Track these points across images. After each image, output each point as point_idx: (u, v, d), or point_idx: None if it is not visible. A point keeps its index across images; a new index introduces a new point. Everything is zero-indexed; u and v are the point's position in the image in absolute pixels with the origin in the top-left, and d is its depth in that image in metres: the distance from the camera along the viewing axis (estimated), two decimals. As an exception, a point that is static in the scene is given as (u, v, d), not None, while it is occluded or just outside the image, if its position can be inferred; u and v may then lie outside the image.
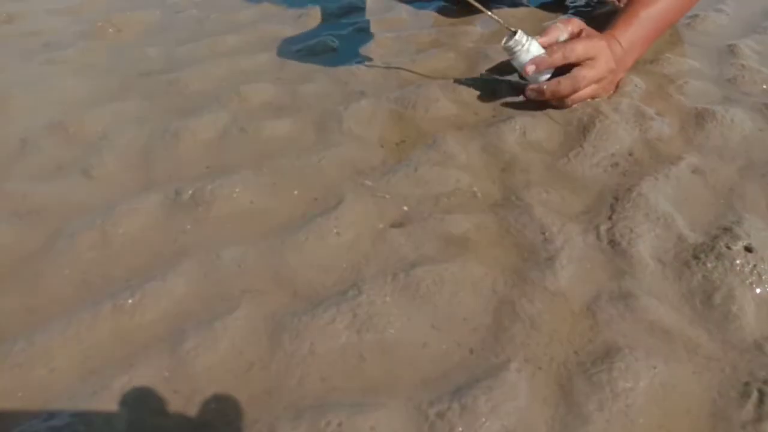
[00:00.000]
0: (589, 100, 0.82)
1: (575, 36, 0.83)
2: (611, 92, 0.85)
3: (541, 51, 0.79)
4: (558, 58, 0.78)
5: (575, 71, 0.79)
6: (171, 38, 1.16)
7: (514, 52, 0.79)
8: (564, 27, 0.83)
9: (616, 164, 0.73)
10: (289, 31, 1.16)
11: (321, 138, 0.81)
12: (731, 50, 1.00)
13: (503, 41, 0.80)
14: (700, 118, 0.80)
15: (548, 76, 0.81)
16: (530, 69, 0.79)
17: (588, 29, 0.83)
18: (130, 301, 0.56)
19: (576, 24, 0.84)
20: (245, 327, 0.54)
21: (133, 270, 0.61)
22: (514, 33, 0.79)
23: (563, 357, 0.50)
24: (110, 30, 1.20)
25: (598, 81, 0.80)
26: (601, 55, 0.79)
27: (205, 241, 0.64)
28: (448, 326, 0.53)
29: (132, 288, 0.57)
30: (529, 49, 0.79)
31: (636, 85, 0.88)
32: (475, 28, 1.12)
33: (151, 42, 1.15)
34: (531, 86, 0.81)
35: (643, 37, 0.86)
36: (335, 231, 0.64)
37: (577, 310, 0.54)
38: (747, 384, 0.47)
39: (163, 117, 0.88)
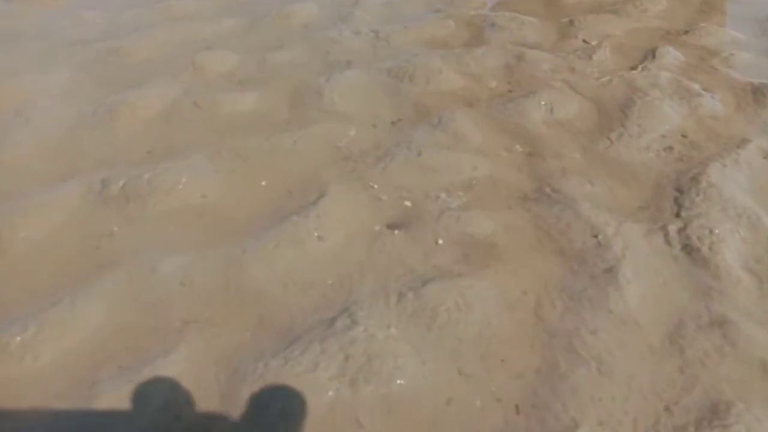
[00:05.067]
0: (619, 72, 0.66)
1: None
2: None
3: None
4: None
5: None
6: (116, 1, 0.98)
7: None
8: None
9: (670, 148, 0.58)
10: (259, -4, 0.99)
11: (296, 115, 0.64)
12: (773, 21, 0.87)
13: None
14: (759, 94, 0.66)
15: None
16: None
17: None
18: (18, 338, 0.39)
19: None
20: (187, 376, 0.37)
21: (32, 290, 0.43)
22: None
23: (652, 417, 0.35)
24: (44, -7, 1.01)
25: None
26: None
27: (137, 247, 0.47)
28: (480, 371, 0.37)
29: (25, 319, 0.40)
30: None
31: (673, 57, 0.74)
32: (475, -4, 0.96)
33: (92, 5, 0.96)
34: None
35: None
36: (316, 234, 0.47)
37: (657, 344, 0.39)
38: None
39: (97, 90, 0.71)
